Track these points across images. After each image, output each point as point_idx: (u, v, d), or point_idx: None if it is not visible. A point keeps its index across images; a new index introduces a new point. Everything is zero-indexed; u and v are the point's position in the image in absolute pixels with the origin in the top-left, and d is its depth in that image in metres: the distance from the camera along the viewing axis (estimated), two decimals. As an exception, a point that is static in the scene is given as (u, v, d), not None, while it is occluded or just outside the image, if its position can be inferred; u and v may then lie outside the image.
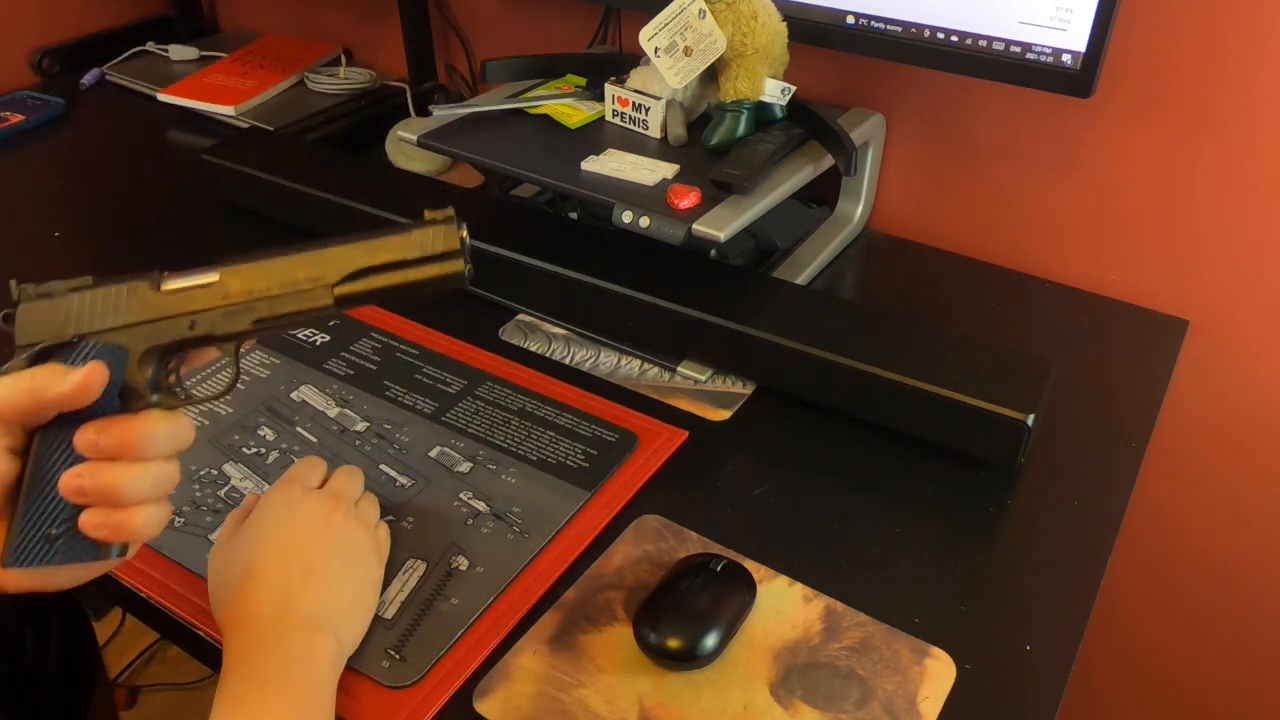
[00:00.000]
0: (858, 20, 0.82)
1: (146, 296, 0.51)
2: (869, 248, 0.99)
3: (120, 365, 0.50)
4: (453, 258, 0.52)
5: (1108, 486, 0.71)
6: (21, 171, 1.12)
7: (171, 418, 0.51)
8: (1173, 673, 1.12)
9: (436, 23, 1.23)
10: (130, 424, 0.49)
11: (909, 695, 0.56)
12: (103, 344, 0.50)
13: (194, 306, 0.51)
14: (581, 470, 0.71)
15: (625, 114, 0.88)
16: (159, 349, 0.52)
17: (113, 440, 0.48)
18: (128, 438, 0.49)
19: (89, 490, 0.48)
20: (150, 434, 0.49)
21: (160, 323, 0.51)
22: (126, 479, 0.48)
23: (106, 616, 1.49)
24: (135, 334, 0.51)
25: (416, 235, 0.52)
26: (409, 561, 0.64)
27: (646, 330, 0.81)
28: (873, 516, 0.68)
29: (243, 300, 0.51)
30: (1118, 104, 0.86)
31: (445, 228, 0.53)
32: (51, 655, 0.91)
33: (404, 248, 0.52)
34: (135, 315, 0.51)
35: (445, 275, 0.53)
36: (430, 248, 0.52)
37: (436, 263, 0.52)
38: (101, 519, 0.48)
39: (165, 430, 0.50)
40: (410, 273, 0.52)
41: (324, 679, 0.53)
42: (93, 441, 0.48)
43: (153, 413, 0.51)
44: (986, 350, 0.73)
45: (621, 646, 0.59)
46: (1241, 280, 0.88)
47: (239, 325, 0.52)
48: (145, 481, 0.49)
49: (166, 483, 0.51)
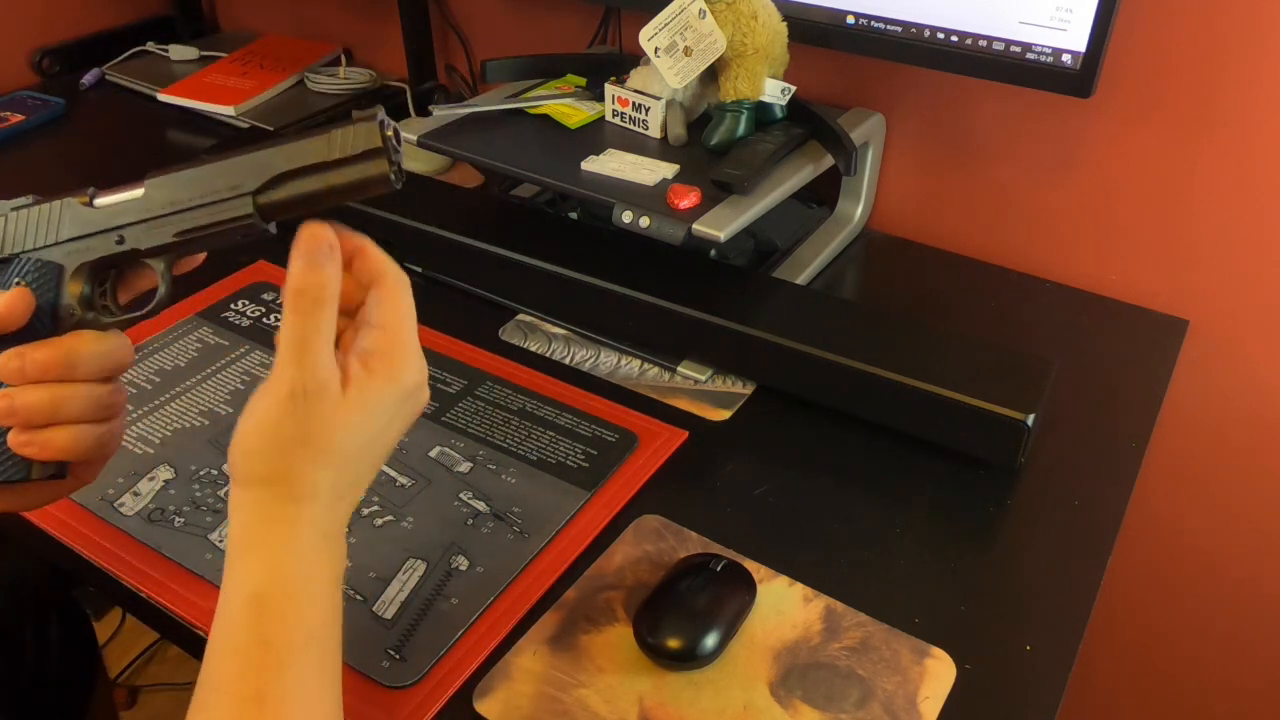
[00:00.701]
0: (858, 20, 0.82)
1: (78, 212, 0.51)
2: (869, 248, 0.99)
3: (53, 283, 0.50)
4: (375, 157, 0.49)
5: (1108, 486, 0.71)
6: (21, 171, 1.12)
7: (102, 338, 0.50)
8: (1173, 672, 1.12)
9: (436, 23, 1.23)
10: (55, 346, 0.49)
11: (909, 695, 0.56)
12: (36, 260, 0.50)
13: (122, 220, 0.50)
14: (581, 470, 0.71)
15: (625, 114, 0.88)
16: (88, 265, 0.51)
17: (36, 363, 0.48)
18: (53, 359, 0.48)
19: (16, 410, 0.48)
20: (77, 355, 0.49)
21: (90, 238, 0.51)
22: (50, 399, 0.48)
23: (106, 616, 1.49)
24: (67, 250, 0.51)
25: (337, 136, 0.49)
26: (409, 561, 0.64)
27: (646, 330, 0.81)
28: (873, 516, 0.68)
29: (165, 212, 0.50)
30: (1117, 104, 0.86)
31: (366, 126, 0.49)
32: (51, 655, 0.91)
33: (323, 150, 0.49)
34: (68, 231, 0.51)
35: (368, 178, 0.49)
36: (350, 148, 0.49)
37: (357, 163, 0.49)
38: (28, 436, 0.48)
39: (93, 350, 0.49)
40: (330, 176, 0.49)
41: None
42: (16, 367, 0.48)
43: (81, 334, 0.50)
44: (986, 350, 0.73)
45: (621, 646, 0.59)
46: (1241, 280, 0.88)
47: (163, 238, 0.50)
48: (74, 402, 0.49)
49: (100, 405, 0.50)
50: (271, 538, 0.46)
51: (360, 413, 0.47)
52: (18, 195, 0.52)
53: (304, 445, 0.46)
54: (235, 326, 0.85)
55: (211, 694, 0.44)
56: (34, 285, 0.50)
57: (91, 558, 0.64)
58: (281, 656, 0.44)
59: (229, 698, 0.43)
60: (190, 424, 0.74)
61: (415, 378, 0.49)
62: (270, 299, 0.88)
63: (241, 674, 0.43)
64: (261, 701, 0.43)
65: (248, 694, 0.43)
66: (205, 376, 0.79)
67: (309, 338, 0.46)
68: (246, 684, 0.43)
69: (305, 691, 0.44)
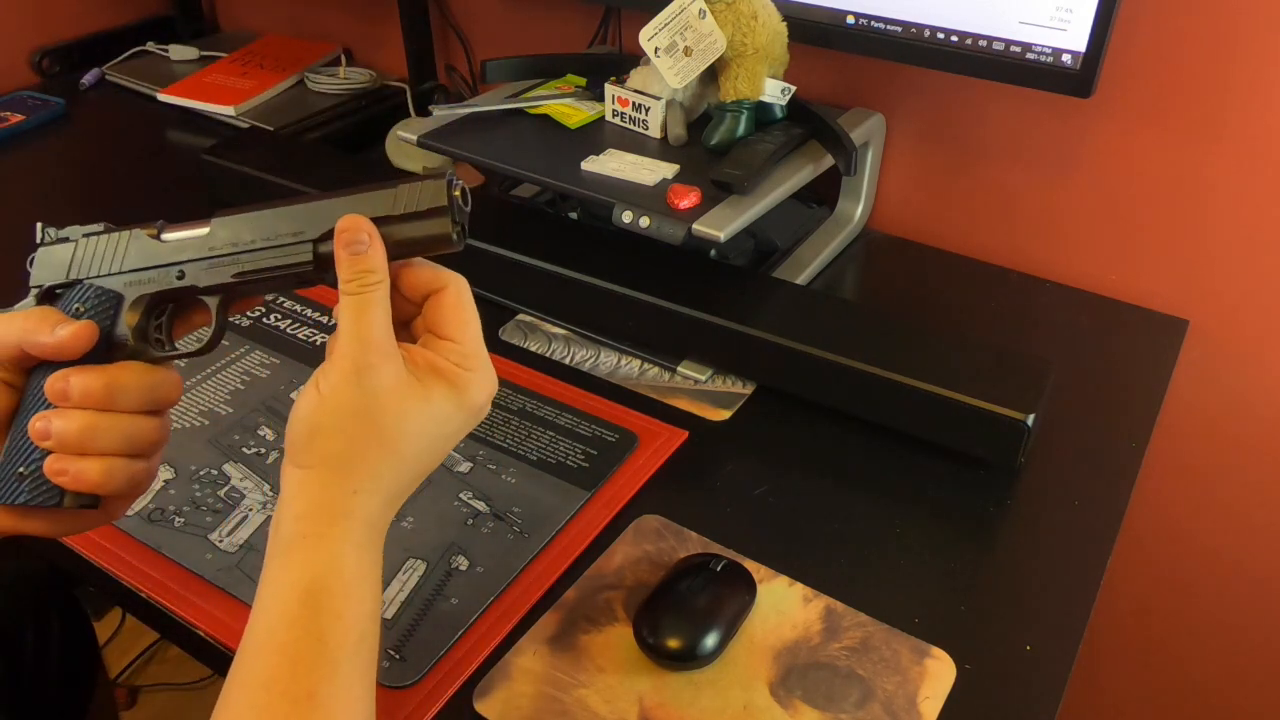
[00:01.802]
0: (858, 20, 0.81)
1: (145, 244, 0.51)
2: (869, 248, 0.99)
3: (112, 311, 0.51)
4: (438, 216, 0.48)
5: (1108, 486, 0.71)
6: (21, 171, 1.12)
7: (148, 371, 0.50)
8: (1178, 670, 1.12)
9: (436, 23, 1.22)
10: (101, 374, 0.48)
11: (909, 695, 0.56)
12: (97, 289, 0.51)
13: (184, 256, 0.51)
14: (581, 470, 0.71)
15: (625, 114, 0.88)
16: (147, 297, 0.51)
17: (81, 388, 0.48)
18: (95, 386, 0.48)
19: (52, 434, 0.48)
20: (121, 385, 0.49)
21: (151, 270, 0.51)
22: (86, 426, 0.48)
23: (106, 616, 1.49)
24: (128, 280, 0.51)
25: (404, 190, 0.49)
26: (409, 561, 0.64)
27: (646, 330, 0.81)
28: (873, 516, 0.68)
29: (227, 251, 0.50)
30: (1118, 104, 0.86)
31: (434, 184, 0.49)
32: (51, 655, 0.91)
33: (388, 203, 0.49)
34: (132, 262, 0.51)
35: (430, 236, 0.49)
36: (415, 204, 0.49)
37: (421, 221, 0.49)
38: (63, 465, 0.48)
39: (138, 382, 0.49)
40: (393, 230, 0.49)
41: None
42: (61, 389, 0.48)
43: (128, 365, 0.50)
44: (986, 350, 0.73)
45: (621, 646, 0.59)
46: (1242, 280, 0.88)
47: (222, 277, 0.50)
48: (111, 433, 0.48)
49: (140, 438, 0.49)
50: (334, 529, 0.45)
51: (424, 410, 0.46)
52: (17, 195, 0.52)
53: (368, 423, 0.45)
54: (236, 326, 0.85)
55: (258, 692, 0.42)
56: (93, 311, 0.50)
57: (91, 557, 0.64)
58: (336, 656, 0.42)
59: (279, 698, 0.41)
60: (190, 424, 0.74)
61: (481, 398, 0.49)
62: (270, 299, 0.88)
63: (294, 672, 0.42)
64: (313, 702, 0.41)
65: (299, 694, 0.41)
66: (205, 376, 0.79)
67: (365, 317, 0.46)
68: (299, 683, 0.41)
69: (353, 695, 0.43)
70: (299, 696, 0.41)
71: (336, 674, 0.42)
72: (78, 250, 0.52)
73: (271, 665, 0.42)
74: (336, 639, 0.43)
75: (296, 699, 0.41)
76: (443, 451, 0.49)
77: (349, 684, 0.43)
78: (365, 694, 0.44)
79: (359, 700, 0.43)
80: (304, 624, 0.43)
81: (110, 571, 0.63)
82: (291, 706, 0.41)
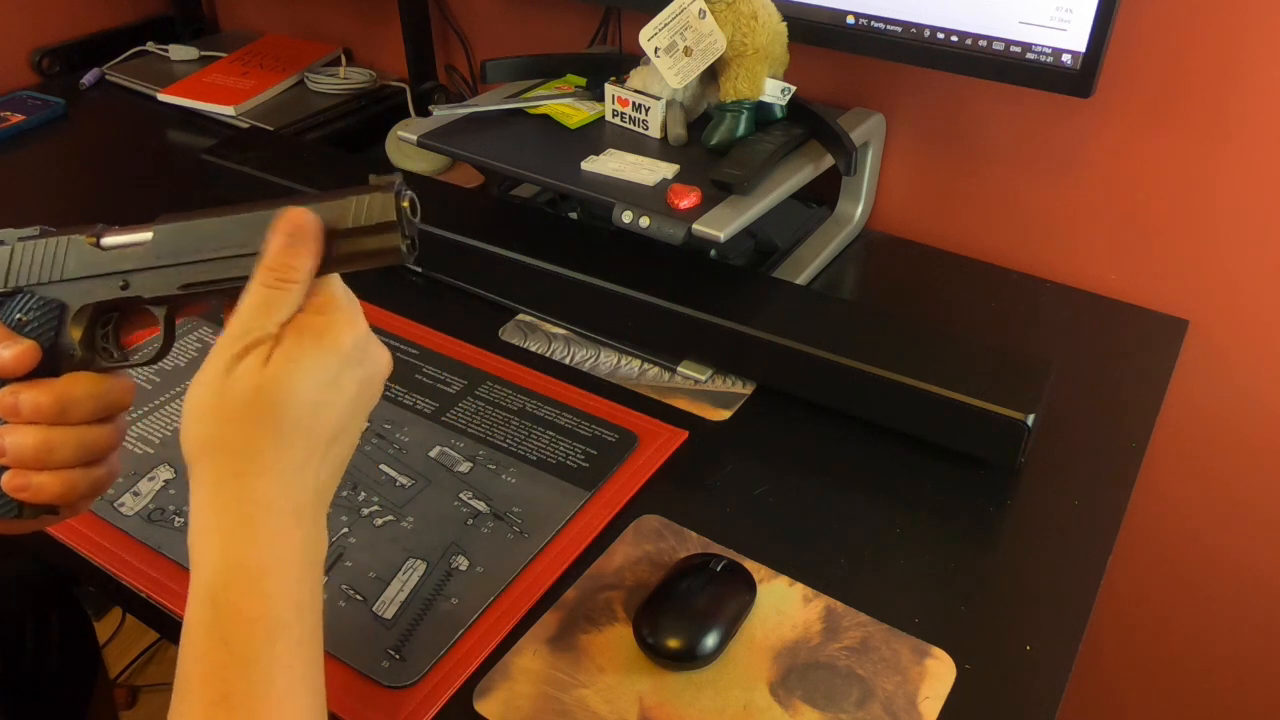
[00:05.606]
0: (858, 20, 0.82)
1: (84, 251, 0.49)
2: (869, 248, 0.99)
3: (55, 322, 0.49)
4: (387, 231, 0.47)
5: (1108, 486, 0.71)
6: (21, 171, 1.12)
7: (98, 380, 0.49)
8: (1178, 670, 1.12)
9: (436, 23, 1.23)
10: (50, 389, 0.48)
11: (909, 695, 0.56)
12: (40, 298, 0.50)
13: (127, 265, 0.49)
14: (581, 470, 0.71)
15: (625, 114, 0.88)
16: (91, 307, 0.50)
17: (31, 404, 0.47)
18: (46, 401, 0.47)
19: (7, 451, 0.47)
20: (72, 398, 0.48)
21: (95, 279, 0.49)
22: (41, 442, 0.47)
23: (106, 616, 1.49)
24: (72, 289, 0.50)
25: (351, 204, 0.47)
26: (409, 561, 0.64)
27: (646, 330, 0.81)
28: (873, 516, 0.68)
29: (171, 263, 0.49)
30: (1117, 104, 0.86)
31: (382, 196, 0.47)
32: (51, 655, 0.91)
33: (336, 216, 0.47)
34: (73, 270, 0.50)
35: (379, 250, 0.47)
36: (364, 218, 0.47)
37: (369, 236, 0.47)
38: (23, 480, 0.48)
39: (89, 393, 0.49)
40: (342, 245, 0.47)
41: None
42: (10, 405, 0.47)
43: (76, 377, 0.49)
44: (986, 350, 0.73)
45: (621, 646, 0.59)
46: (1242, 280, 0.88)
47: (167, 289, 0.49)
48: (66, 446, 0.48)
49: (96, 446, 0.49)
50: (226, 520, 0.43)
51: (293, 371, 0.44)
52: (17, 195, 0.52)
53: (243, 406, 0.44)
54: (235, 326, 0.85)
55: (183, 700, 0.42)
56: (36, 322, 0.49)
57: (91, 557, 0.64)
58: (243, 655, 0.42)
59: (197, 702, 0.42)
60: (190, 424, 0.74)
61: (349, 336, 0.46)
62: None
63: (205, 677, 0.42)
64: (229, 704, 0.41)
65: (213, 697, 0.41)
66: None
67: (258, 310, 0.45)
68: (211, 688, 0.42)
69: (276, 688, 0.42)
70: (213, 700, 0.41)
71: (250, 671, 0.42)
72: (15, 256, 0.50)
73: (186, 673, 0.42)
74: (241, 637, 0.42)
75: (211, 703, 0.41)
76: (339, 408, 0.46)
77: (266, 679, 0.42)
78: (297, 683, 0.43)
79: (288, 692, 0.42)
80: (207, 626, 0.42)
81: (110, 571, 0.63)
82: (208, 710, 0.41)
